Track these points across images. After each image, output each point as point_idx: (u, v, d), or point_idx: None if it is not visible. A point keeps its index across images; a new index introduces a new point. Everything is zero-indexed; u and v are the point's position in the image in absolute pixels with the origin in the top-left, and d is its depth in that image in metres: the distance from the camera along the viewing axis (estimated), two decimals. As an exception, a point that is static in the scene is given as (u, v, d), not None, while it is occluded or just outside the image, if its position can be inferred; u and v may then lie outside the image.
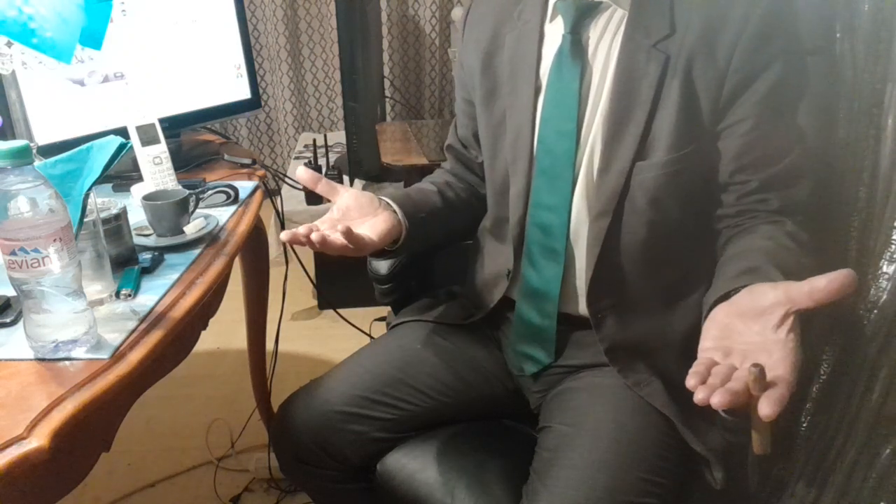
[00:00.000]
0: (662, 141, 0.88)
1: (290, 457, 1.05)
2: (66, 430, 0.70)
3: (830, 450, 0.87)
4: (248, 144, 3.21)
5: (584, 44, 0.93)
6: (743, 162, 0.89)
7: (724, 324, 0.73)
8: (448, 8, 3.04)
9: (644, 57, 0.88)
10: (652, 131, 0.89)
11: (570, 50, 0.93)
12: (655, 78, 0.87)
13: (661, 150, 0.88)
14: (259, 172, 1.39)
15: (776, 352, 0.67)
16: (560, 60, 0.94)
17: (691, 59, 0.87)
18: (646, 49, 0.88)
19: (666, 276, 0.96)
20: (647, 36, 0.88)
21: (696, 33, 0.86)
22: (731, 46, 0.85)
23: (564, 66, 0.93)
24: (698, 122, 0.88)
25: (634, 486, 0.85)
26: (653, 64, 0.88)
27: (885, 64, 0.83)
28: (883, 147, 0.84)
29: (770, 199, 0.89)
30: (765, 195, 0.89)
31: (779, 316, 0.68)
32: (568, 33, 0.93)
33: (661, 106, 0.88)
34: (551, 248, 0.97)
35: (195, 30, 1.43)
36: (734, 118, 0.88)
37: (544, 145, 0.96)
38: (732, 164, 0.89)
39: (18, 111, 1.21)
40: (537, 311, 1.01)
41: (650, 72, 0.88)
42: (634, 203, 0.91)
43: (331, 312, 2.06)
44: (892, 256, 0.83)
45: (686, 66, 0.87)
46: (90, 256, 0.88)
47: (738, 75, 0.86)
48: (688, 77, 0.87)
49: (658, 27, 0.88)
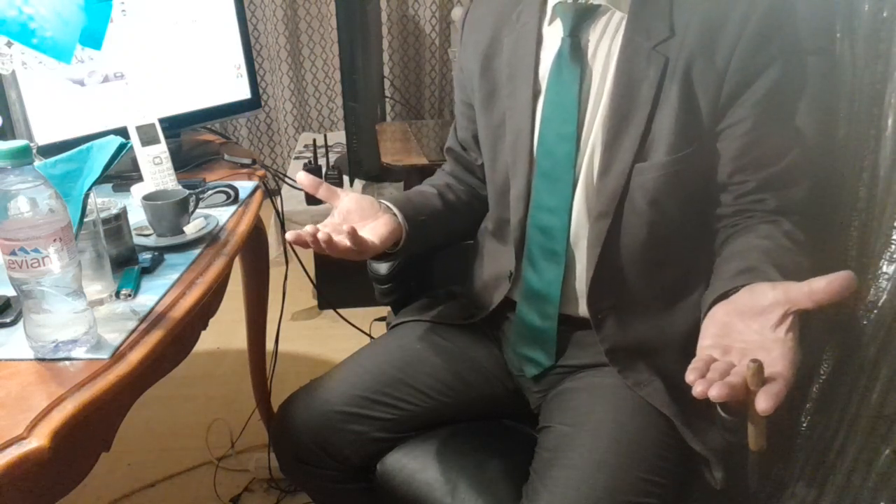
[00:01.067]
0: (662, 142, 0.88)
1: (290, 457, 1.05)
2: (66, 430, 0.70)
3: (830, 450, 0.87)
4: (248, 144, 3.21)
5: (583, 46, 0.93)
6: (741, 162, 0.89)
7: (724, 322, 0.73)
8: (448, 8, 3.04)
9: (644, 59, 0.88)
10: (652, 133, 0.89)
11: (569, 53, 0.93)
12: (655, 80, 0.87)
13: (660, 152, 0.89)
14: (259, 172, 1.39)
15: (775, 350, 0.68)
16: (559, 63, 0.94)
17: (691, 60, 0.87)
18: (646, 51, 0.88)
19: (666, 277, 0.96)
20: (647, 38, 0.88)
21: (695, 35, 0.86)
22: (730, 48, 0.85)
23: (564, 69, 0.93)
24: (698, 123, 0.88)
25: (634, 485, 0.85)
26: (652, 66, 0.88)
27: (885, 64, 0.83)
28: (883, 147, 0.84)
29: (767, 199, 0.89)
30: (762, 195, 0.89)
31: (778, 315, 0.69)
32: (567, 36, 0.93)
33: (661, 107, 0.88)
34: (552, 249, 0.97)
35: (195, 30, 1.43)
36: (733, 119, 0.88)
37: (545, 147, 0.96)
38: (731, 164, 0.89)
39: (18, 111, 1.21)
40: (538, 314, 1.01)
41: (650, 74, 0.88)
42: (634, 204, 0.91)
43: (331, 312, 2.06)
44: (892, 256, 0.83)
45: (685, 67, 0.87)
46: (90, 256, 0.88)
47: (737, 76, 0.86)
48: (687, 79, 0.87)
49: (657, 29, 0.88)
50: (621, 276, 0.95)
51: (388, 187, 2.21)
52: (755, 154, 0.88)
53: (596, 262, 0.93)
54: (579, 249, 0.96)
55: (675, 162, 0.88)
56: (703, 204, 0.94)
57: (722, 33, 0.85)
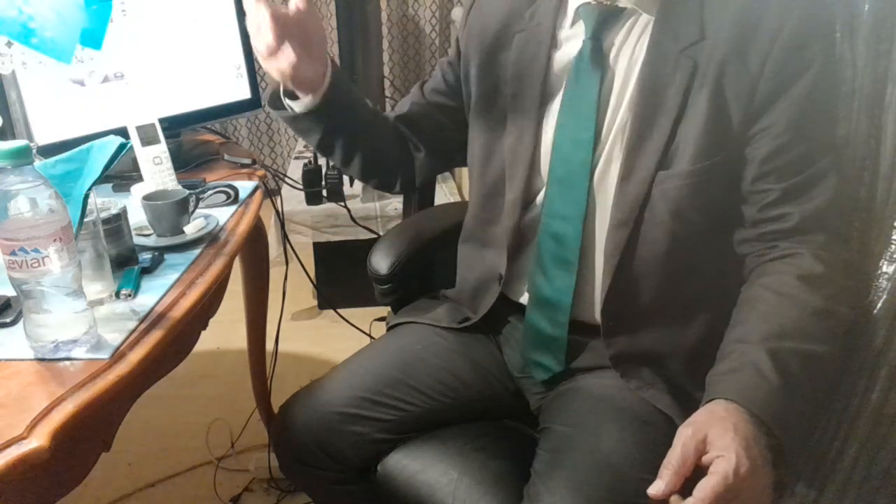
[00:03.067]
0: (688, 150, 0.86)
1: (291, 458, 1.04)
2: (66, 430, 0.70)
3: (830, 450, 0.87)
4: (248, 144, 3.21)
5: (605, 50, 0.90)
6: (767, 168, 0.85)
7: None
8: (448, 8, 3.04)
9: (671, 63, 0.86)
10: (676, 140, 0.87)
11: (590, 55, 0.90)
12: (682, 85, 0.85)
13: (685, 160, 0.86)
14: (259, 172, 1.39)
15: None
16: (579, 66, 0.92)
17: (722, 66, 0.84)
18: (673, 55, 0.86)
19: (684, 289, 0.93)
20: (675, 41, 0.86)
21: (727, 40, 0.84)
22: (764, 54, 0.83)
23: (583, 73, 0.91)
24: (727, 130, 0.86)
25: (636, 486, 0.85)
26: (680, 70, 0.86)
27: (885, 64, 0.83)
28: (883, 147, 0.84)
29: (791, 213, 0.86)
30: (785, 209, 0.86)
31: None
32: (589, 38, 0.91)
33: (688, 114, 0.86)
34: (564, 258, 0.96)
35: (195, 30, 1.42)
36: (764, 124, 0.85)
37: (560, 154, 0.94)
38: (756, 169, 0.86)
39: (18, 111, 1.20)
40: (548, 321, 0.99)
41: (676, 79, 0.86)
42: (655, 214, 0.89)
43: (331, 312, 2.06)
44: (892, 256, 0.83)
45: (717, 73, 0.84)
46: (90, 256, 0.88)
47: (771, 82, 0.83)
48: (718, 84, 0.84)
49: (687, 32, 0.86)
50: (638, 287, 0.93)
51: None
52: (782, 160, 0.85)
53: (613, 272, 0.91)
54: (595, 258, 0.95)
55: (700, 171, 0.86)
56: (726, 216, 0.91)
57: (755, 39, 0.83)
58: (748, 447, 0.70)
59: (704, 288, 0.94)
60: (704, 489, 0.68)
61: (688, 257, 0.91)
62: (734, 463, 0.68)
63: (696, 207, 0.88)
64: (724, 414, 0.73)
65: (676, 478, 0.70)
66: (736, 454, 0.69)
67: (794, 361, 0.77)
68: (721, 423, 0.72)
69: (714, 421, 0.73)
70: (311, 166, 2.18)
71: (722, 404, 0.75)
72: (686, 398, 0.91)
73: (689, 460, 0.71)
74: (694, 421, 0.75)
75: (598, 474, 0.85)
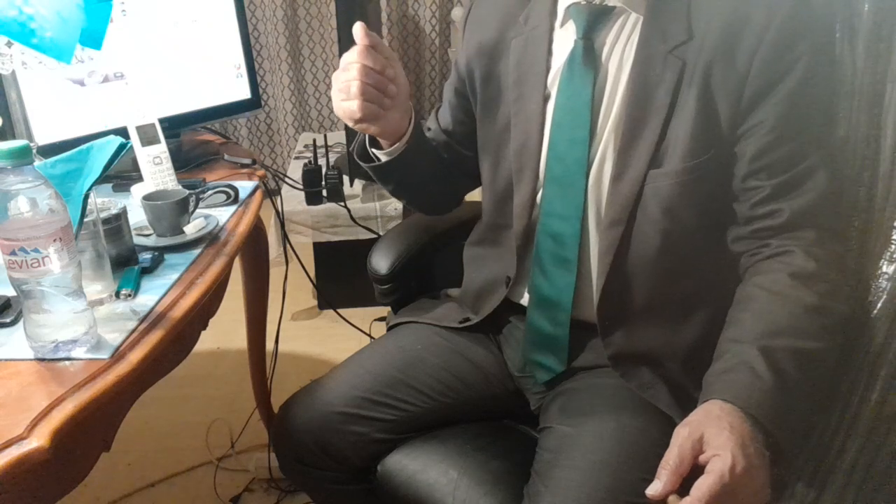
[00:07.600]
0: (678, 149, 0.87)
1: (291, 458, 1.04)
2: (66, 430, 0.70)
3: (830, 450, 0.87)
4: (248, 144, 3.21)
5: (596, 49, 0.91)
6: (757, 165, 0.86)
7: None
8: (448, 8, 3.04)
9: (660, 63, 0.87)
10: (667, 139, 0.87)
11: (582, 55, 0.91)
12: (672, 84, 0.86)
13: (676, 158, 0.87)
14: (259, 172, 1.39)
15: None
16: (572, 66, 0.92)
17: (710, 65, 0.85)
18: (662, 55, 0.86)
19: (679, 287, 0.94)
20: (663, 41, 0.87)
21: (714, 39, 0.84)
22: (751, 52, 0.83)
23: (576, 73, 0.92)
24: (716, 128, 0.86)
25: (636, 486, 0.85)
26: (669, 70, 0.86)
27: (885, 64, 0.83)
28: (883, 147, 0.84)
29: (781, 209, 0.86)
30: (776, 205, 0.86)
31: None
32: (580, 38, 0.91)
33: (678, 113, 0.86)
34: (563, 257, 0.96)
35: (195, 30, 1.43)
36: (753, 121, 0.85)
37: (555, 153, 0.94)
38: (747, 166, 0.86)
39: (18, 111, 1.20)
40: (549, 320, 1.00)
41: (666, 78, 0.86)
42: (648, 212, 0.89)
43: (331, 312, 2.06)
44: (892, 256, 0.83)
45: (704, 72, 0.85)
46: (90, 256, 0.88)
47: (758, 80, 0.84)
48: (706, 83, 0.85)
49: (675, 32, 0.86)
50: (633, 286, 0.93)
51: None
52: (771, 157, 0.85)
53: (608, 269, 0.92)
54: (591, 256, 0.95)
55: (692, 169, 0.87)
56: (718, 214, 0.91)
57: (742, 38, 0.83)
58: (744, 446, 0.70)
59: (699, 287, 0.94)
60: (701, 488, 0.68)
61: (681, 256, 0.92)
62: (730, 462, 0.69)
63: (689, 205, 0.89)
64: (720, 413, 0.74)
65: (674, 477, 0.71)
66: (732, 453, 0.69)
67: (788, 359, 0.77)
68: (717, 423, 0.73)
69: (710, 420, 0.73)
70: (311, 166, 2.18)
71: (717, 404, 0.75)
72: (686, 398, 0.91)
73: (687, 460, 0.71)
74: (690, 421, 0.75)
75: (598, 474, 0.85)
